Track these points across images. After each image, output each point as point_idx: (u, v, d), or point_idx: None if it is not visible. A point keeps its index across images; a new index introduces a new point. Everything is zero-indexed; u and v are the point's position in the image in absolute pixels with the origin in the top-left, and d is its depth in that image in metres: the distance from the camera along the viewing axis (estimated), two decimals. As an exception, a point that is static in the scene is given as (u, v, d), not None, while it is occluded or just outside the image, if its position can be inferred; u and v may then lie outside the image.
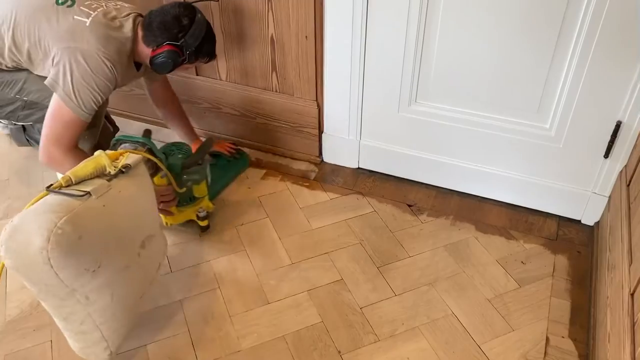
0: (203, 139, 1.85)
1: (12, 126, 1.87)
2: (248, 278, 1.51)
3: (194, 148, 1.72)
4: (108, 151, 1.23)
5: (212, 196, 1.72)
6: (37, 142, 1.86)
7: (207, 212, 1.62)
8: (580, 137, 1.53)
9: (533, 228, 1.67)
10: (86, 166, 1.15)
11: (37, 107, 1.62)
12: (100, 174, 1.17)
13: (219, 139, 1.96)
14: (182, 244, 1.62)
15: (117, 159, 1.22)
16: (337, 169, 1.93)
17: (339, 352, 1.33)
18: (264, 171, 1.91)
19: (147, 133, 1.47)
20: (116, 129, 1.86)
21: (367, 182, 1.87)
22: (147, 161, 1.32)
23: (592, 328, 1.35)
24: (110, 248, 1.15)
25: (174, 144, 1.61)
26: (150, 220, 1.32)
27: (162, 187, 1.47)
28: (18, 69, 1.55)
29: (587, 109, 1.47)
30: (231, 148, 1.92)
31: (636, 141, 1.46)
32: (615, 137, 1.48)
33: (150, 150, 1.35)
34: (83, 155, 1.48)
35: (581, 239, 1.64)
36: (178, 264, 1.56)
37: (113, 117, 1.94)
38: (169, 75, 1.79)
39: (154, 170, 1.39)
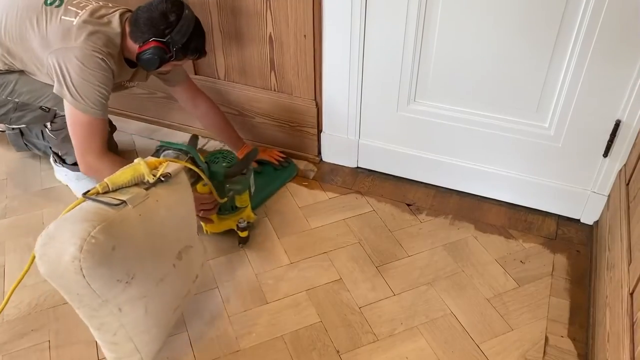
0: (251, 146, 1.81)
1: (9, 131, 1.86)
2: (247, 278, 1.51)
3: (240, 154, 1.71)
4: (148, 158, 1.21)
5: (256, 205, 1.69)
6: (36, 147, 1.87)
7: (248, 222, 1.57)
8: (579, 136, 1.53)
9: (532, 227, 1.67)
10: (124, 173, 1.13)
11: (28, 109, 1.62)
12: (139, 182, 1.14)
13: (267, 147, 1.93)
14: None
15: (156, 167, 1.18)
16: (336, 168, 1.92)
17: (338, 351, 1.32)
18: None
19: (194, 139, 1.46)
20: (113, 128, 1.85)
21: (366, 181, 1.86)
22: (189, 169, 1.29)
23: (591, 327, 1.35)
24: (145, 259, 1.12)
25: (220, 151, 1.57)
26: (188, 231, 1.28)
27: (204, 195, 1.44)
28: (9, 72, 1.55)
29: (586, 108, 1.47)
30: (279, 156, 1.89)
31: (635, 140, 1.46)
32: (615, 136, 1.48)
33: (193, 159, 1.32)
34: (117, 158, 1.50)
35: (580, 238, 1.63)
36: (176, 263, 1.56)
37: (111, 116, 1.93)
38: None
39: (196, 178, 1.35)
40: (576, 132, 1.52)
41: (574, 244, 1.62)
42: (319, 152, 1.94)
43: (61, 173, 1.80)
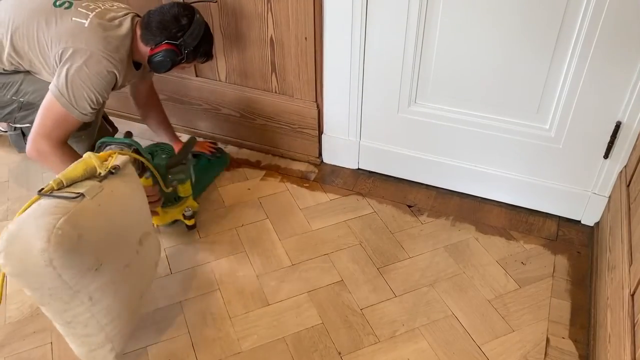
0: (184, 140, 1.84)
1: (11, 132, 1.87)
2: (248, 279, 1.51)
3: (176, 148, 1.73)
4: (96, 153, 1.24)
5: (196, 195, 1.73)
6: None
7: (193, 211, 1.63)
8: (580, 138, 1.53)
9: (533, 228, 1.67)
10: (76, 168, 1.16)
11: (34, 108, 1.62)
12: (91, 175, 1.17)
13: (199, 139, 1.96)
14: (182, 245, 1.62)
15: (105, 160, 1.22)
16: (336, 169, 1.93)
17: (339, 353, 1.32)
18: (264, 172, 1.91)
19: (129, 134, 1.47)
20: (115, 129, 1.86)
21: (367, 182, 1.87)
22: (134, 162, 1.33)
23: (592, 328, 1.35)
24: (110, 246, 1.15)
25: (157, 144, 1.62)
26: (145, 218, 1.33)
27: (148, 188, 1.47)
28: (16, 72, 1.55)
29: (586, 109, 1.47)
30: (211, 147, 1.93)
31: (636, 142, 1.46)
32: (615, 137, 1.48)
33: (137, 151, 1.36)
34: (71, 151, 1.50)
35: (581, 240, 1.64)
36: (178, 265, 1.56)
37: (112, 118, 1.94)
38: (166, 75, 1.80)
39: (140, 171, 1.39)
40: (577, 134, 1.53)
41: (574, 245, 1.62)
42: (320, 154, 1.94)
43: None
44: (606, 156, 1.53)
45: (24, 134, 1.87)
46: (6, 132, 1.91)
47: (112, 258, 1.16)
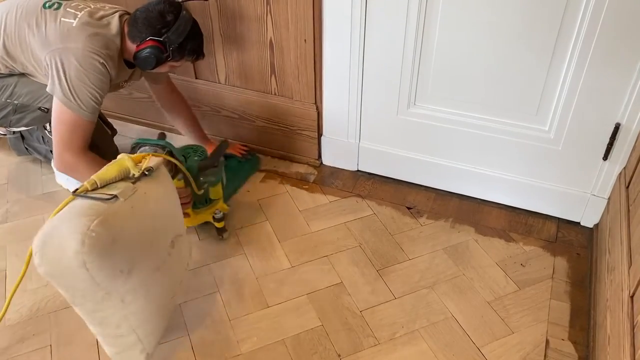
0: (216, 142, 1.84)
1: (10, 135, 1.87)
2: (247, 281, 1.51)
3: (207, 149, 1.72)
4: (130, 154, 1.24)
5: (227, 197, 1.72)
6: (37, 151, 1.88)
7: (223, 213, 1.61)
8: (579, 140, 1.53)
9: (532, 230, 1.68)
10: (110, 169, 1.15)
11: (28, 110, 1.63)
12: (125, 176, 1.17)
13: (232, 141, 1.95)
14: (182, 247, 1.62)
15: (139, 162, 1.21)
16: (336, 171, 1.93)
17: (339, 355, 1.32)
18: (263, 174, 1.92)
19: (162, 136, 1.49)
20: (114, 131, 1.86)
21: (366, 184, 1.87)
22: (167, 164, 1.32)
23: (592, 330, 1.35)
24: (142, 249, 1.15)
25: (190, 146, 1.60)
26: (177, 220, 1.32)
27: (180, 189, 1.46)
28: (10, 75, 1.56)
29: (585, 111, 1.47)
30: (242, 150, 1.93)
31: (635, 143, 1.46)
32: (614, 139, 1.48)
33: (171, 153, 1.36)
34: (96, 157, 1.51)
35: (580, 241, 1.64)
36: (177, 267, 1.56)
37: (111, 120, 1.94)
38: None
39: (173, 173, 1.39)
40: (576, 136, 1.53)
41: (574, 246, 1.62)
42: (319, 156, 1.94)
43: (62, 177, 1.80)
44: (605, 158, 1.53)
45: (23, 137, 1.87)
46: (5, 135, 1.91)
47: (144, 260, 1.16)
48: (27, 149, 1.89)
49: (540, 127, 1.57)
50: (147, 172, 1.19)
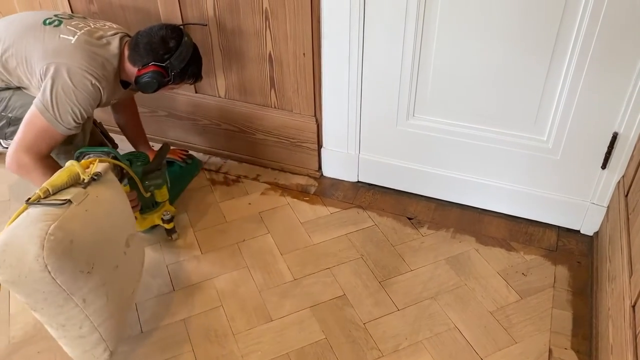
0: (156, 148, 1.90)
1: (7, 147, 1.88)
2: (250, 295, 1.52)
3: (150, 157, 1.75)
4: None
5: (171, 201, 1.76)
6: None
7: (172, 215, 1.67)
8: (577, 149, 1.55)
9: (533, 239, 1.68)
10: (61, 176, 1.19)
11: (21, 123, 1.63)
12: (75, 182, 1.21)
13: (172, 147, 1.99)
14: (184, 261, 1.63)
15: (87, 167, 1.26)
16: (336, 182, 1.94)
17: (343, 368, 1.33)
18: (264, 186, 1.92)
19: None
20: (115, 145, 1.87)
21: (366, 195, 1.88)
22: (113, 168, 1.37)
23: (594, 339, 1.36)
24: (100, 249, 1.19)
25: (131, 153, 1.64)
26: (129, 220, 1.36)
27: (126, 194, 1.47)
28: (6, 88, 1.58)
29: (583, 121, 1.49)
30: (182, 154, 1.97)
31: (633, 152, 1.48)
32: (612, 148, 1.49)
33: (116, 158, 1.39)
34: (53, 163, 1.51)
35: (581, 249, 1.65)
36: (180, 282, 1.56)
37: (113, 134, 1.94)
38: (166, 92, 1.81)
39: (119, 177, 1.42)
40: (574, 145, 1.54)
41: (574, 255, 1.63)
42: (320, 167, 1.95)
43: None
44: (604, 167, 1.54)
45: None
46: (6, 148, 1.92)
47: (103, 260, 1.19)
48: None
49: (538, 137, 1.59)
50: (95, 177, 1.24)
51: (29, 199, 1.14)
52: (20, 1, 1.99)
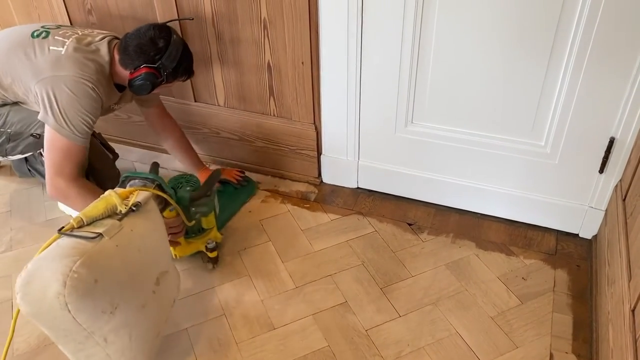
0: (211, 168, 1.86)
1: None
2: (253, 304, 1.52)
3: (201, 177, 1.74)
4: (118, 189, 1.24)
5: (221, 225, 1.72)
6: (39, 173, 1.89)
7: (216, 242, 1.61)
8: (575, 153, 1.56)
9: (532, 243, 1.70)
10: (97, 206, 1.16)
11: (21, 138, 1.65)
12: (111, 213, 1.17)
13: (226, 167, 1.98)
14: (185, 270, 1.63)
15: (127, 197, 1.22)
16: (336, 189, 1.95)
17: (346, 375, 1.34)
18: (265, 194, 1.93)
19: (155, 166, 1.49)
20: (115, 155, 1.87)
21: (366, 201, 1.89)
22: (157, 196, 1.33)
23: (594, 343, 1.37)
24: (126, 288, 1.15)
25: (182, 175, 1.61)
26: (163, 256, 1.32)
27: (171, 219, 1.46)
28: (3, 104, 1.59)
29: (580, 126, 1.50)
30: (238, 176, 1.93)
31: (629, 156, 1.49)
32: (609, 152, 1.51)
33: (160, 186, 1.35)
34: (87, 184, 1.52)
35: (580, 253, 1.66)
36: (182, 291, 1.56)
37: (112, 144, 1.95)
38: (165, 100, 1.82)
39: (164, 204, 1.39)
40: (572, 150, 1.55)
41: (573, 258, 1.64)
42: (319, 174, 1.96)
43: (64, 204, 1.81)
44: (601, 171, 1.56)
45: (26, 159, 1.89)
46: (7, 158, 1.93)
47: (128, 300, 1.16)
48: (29, 170, 1.90)
49: (536, 142, 1.60)
50: (134, 208, 1.20)
51: (62, 227, 1.12)
52: (19, 14, 2.00)
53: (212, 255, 1.60)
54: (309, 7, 1.58)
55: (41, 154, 1.73)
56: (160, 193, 1.33)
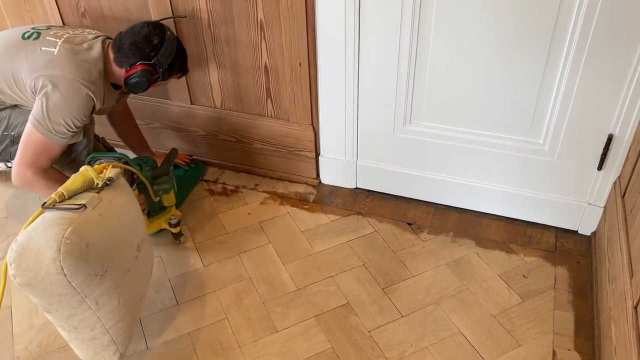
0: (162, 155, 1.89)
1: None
2: (255, 306, 1.52)
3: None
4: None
5: (177, 205, 1.78)
6: None
7: (178, 219, 1.68)
8: (573, 151, 1.56)
9: (532, 241, 1.70)
10: (75, 181, 1.22)
11: None
12: (89, 187, 1.23)
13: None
14: (186, 274, 1.63)
15: (100, 172, 1.29)
16: (335, 190, 1.94)
17: (351, 377, 1.34)
18: (263, 196, 1.93)
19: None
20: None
21: (365, 201, 1.89)
22: (124, 173, 1.38)
23: (596, 340, 1.38)
24: (113, 253, 1.21)
25: (139, 158, 1.68)
26: (141, 224, 1.39)
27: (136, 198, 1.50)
28: (3, 108, 1.57)
29: (579, 123, 1.51)
30: (187, 159, 2.00)
31: (628, 153, 1.50)
32: (608, 149, 1.52)
33: (127, 163, 1.41)
34: (56, 174, 1.53)
35: (579, 250, 1.67)
36: (183, 295, 1.56)
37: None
38: (163, 105, 1.80)
39: (129, 183, 1.43)
40: (570, 147, 1.56)
41: (573, 255, 1.65)
42: (318, 175, 1.96)
43: None
44: (600, 168, 1.56)
45: None
46: (10, 167, 1.91)
47: (116, 264, 1.22)
48: None
49: (535, 140, 1.60)
50: (108, 182, 1.27)
51: (45, 202, 1.17)
52: (11, 17, 1.97)
53: (175, 230, 1.69)
54: (305, 8, 1.57)
55: None
56: (130, 168, 1.41)
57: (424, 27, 1.51)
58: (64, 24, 1.91)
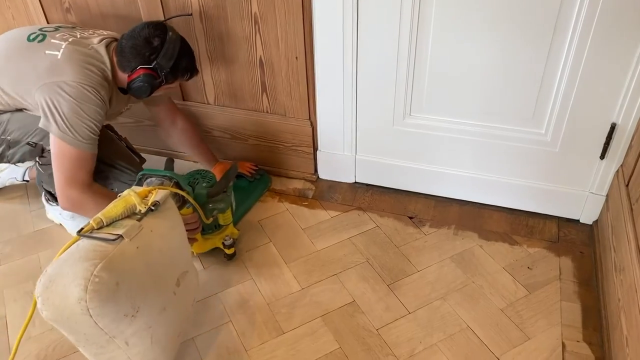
0: (226, 163, 1.82)
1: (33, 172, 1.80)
2: (259, 308, 1.49)
3: (215, 171, 1.70)
4: (136, 188, 1.20)
5: (237, 220, 1.69)
6: (43, 187, 1.78)
7: (233, 239, 1.59)
8: (575, 140, 1.55)
9: (534, 231, 1.69)
10: (116, 206, 1.13)
11: (19, 145, 1.59)
12: (131, 213, 1.14)
13: (239, 160, 1.91)
14: (187, 277, 1.59)
15: (145, 196, 1.18)
16: (334, 185, 1.91)
17: (361, 377, 1.32)
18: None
19: (170, 162, 1.46)
20: (142, 160, 1.76)
21: (365, 196, 1.86)
22: (174, 194, 1.29)
23: (605, 330, 1.37)
24: (147, 290, 1.13)
25: (197, 171, 1.54)
26: (183, 256, 1.29)
27: (187, 216, 1.42)
28: (4, 111, 1.52)
29: (581, 112, 1.49)
30: (252, 169, 1.88)
31: (631, 142, 1.49)
32: (610, 138, 1.51)
33: (178, 184, 1.32)
34: (101, 189, 1.47)
35: (582, 239, 1.66)
36: (185, 299, 1.52)
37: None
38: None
39: (181, 202, 1.35)
40: (572, 137, 1.55)
41: (576, 245, 1.64)
42: (316, 170, 1.93)
43: (54, 212, 1.74)
44: (602, 157, 1.55)
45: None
46: (28, 181, 1.85)
47: (150, 302, 1.14)
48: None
49: (537, 131, 1.59)
50: (153, 208, 1.17)
51: (82, 229, 1.09)
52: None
53: (229, 251, 1.58)
54: (302, -1, 1.53)
55: (36, 161, 1.65)
56: (178, 191, 1.30)
57: (424, 16, 1.48)
58: (47, 20, 1.84)
